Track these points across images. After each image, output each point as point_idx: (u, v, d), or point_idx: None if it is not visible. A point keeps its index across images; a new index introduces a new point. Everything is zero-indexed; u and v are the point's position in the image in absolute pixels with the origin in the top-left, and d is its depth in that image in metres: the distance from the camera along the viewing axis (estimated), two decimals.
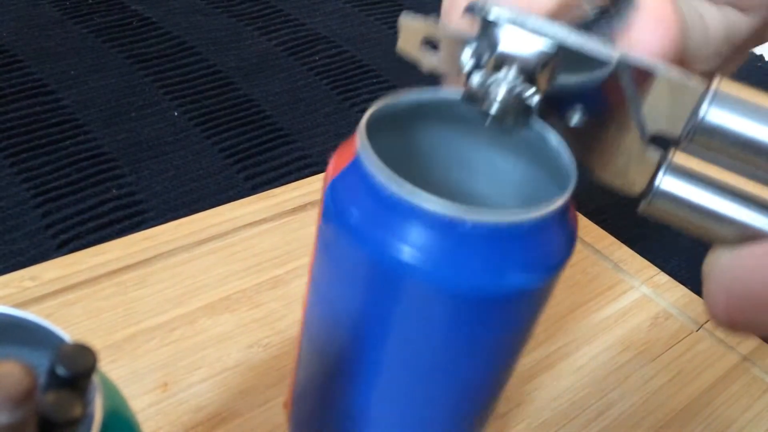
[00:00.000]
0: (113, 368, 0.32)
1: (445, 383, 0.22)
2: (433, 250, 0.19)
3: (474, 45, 0.21)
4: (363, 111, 0.58)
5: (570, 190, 0.20)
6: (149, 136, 0.48)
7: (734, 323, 0.18)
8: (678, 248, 0.46)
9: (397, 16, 0.76)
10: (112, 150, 0.46)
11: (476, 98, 0.21)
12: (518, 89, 0.21)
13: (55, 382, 0.14)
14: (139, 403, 0.31)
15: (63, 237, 0.40)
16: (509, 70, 0.21)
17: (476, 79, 0.21)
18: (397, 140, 0.23)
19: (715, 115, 0.19)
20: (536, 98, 0.21)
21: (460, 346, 0.21)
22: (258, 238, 0.39)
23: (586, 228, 0.44)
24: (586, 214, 0.46)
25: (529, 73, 0.20)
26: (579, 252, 0.42)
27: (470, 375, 0.22)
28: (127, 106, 0.51)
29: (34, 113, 0.48)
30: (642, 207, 0.20)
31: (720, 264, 0.19)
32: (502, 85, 0.20)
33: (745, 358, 0.38)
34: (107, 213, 0.42)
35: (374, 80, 0.57)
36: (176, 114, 0.51)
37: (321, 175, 0.44)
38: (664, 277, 0.41)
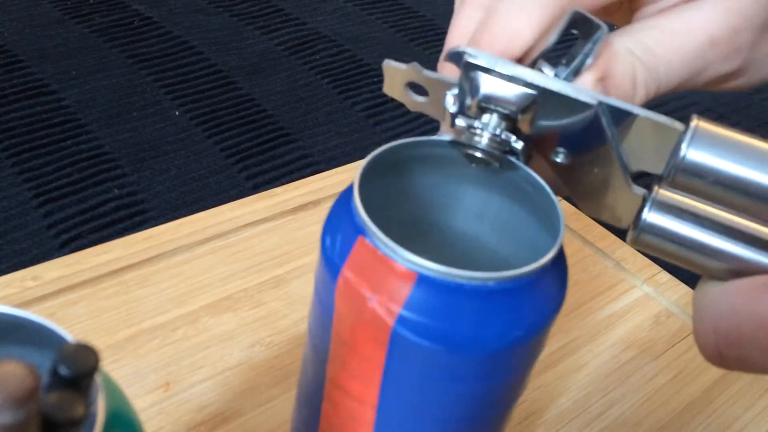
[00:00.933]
0: (115, 368, 0.32)
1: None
2: (426, 310, 0.19)
3: (456, 90, 0.21)
4: (364, 110, 0.58)
5: (559, 244, 0.20)
6: (150, 135, 0.48)
7: (725, 359, 0.18)
8: None
9: (397, 15, 0.76)
10: (113, 150, 0.46)
11: (462, 142, 0.21)
12: (501, 133, 0.21)
13: (57, 382, 0.14)
14: (142, 403, 0.31)
15: (65, 237, 0.40)
16: (492, 114, 0.21)
17: (460, 123, 0.21)
18: (391, 184, 0.23)
19: (694, 154, 0.19)
20: (520, 142, 0.21)
21: (458, 396, 0.21)
22: (259, 237, 0.39)
23: (588, 227, 0.44)
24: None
25: (511, 117, 0.21)
26: (581, 251, 0.42)
27: (467, 423, 0.22)
28: (129, 105, 0.51)
29: (36, 113, 0.48)
30: (630, 240, 0.20)
31: (707, 300, 0.19)
32: (486, 130, 0.21)
33: None
34: (109, 213, 0.42)
35: (375, 79, 0.57)
36: (177, 114, 0.51)
37: (322, 174, 0.44)
38: (665, 276, 0.41)
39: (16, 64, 0.53)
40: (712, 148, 0.19)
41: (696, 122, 0.19)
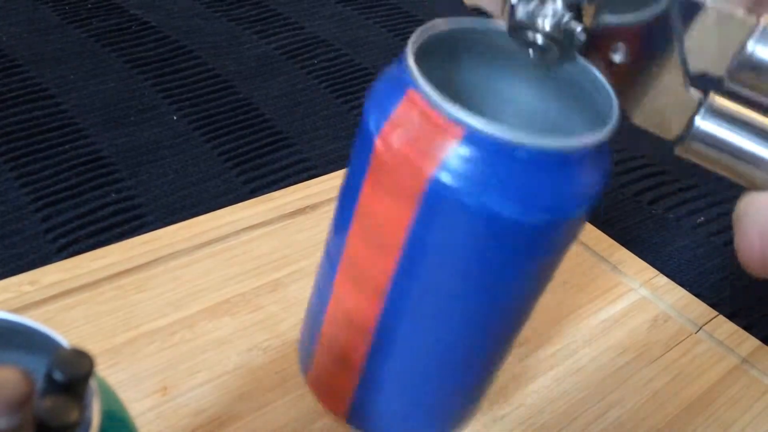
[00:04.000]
0: (113, 372, 0.32)
1: (479, 304, 0.22)
2: (476, 173, 0.19)
3: None
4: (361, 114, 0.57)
5: (613, 124, 0.19)
6: (148, 140, 0.48)
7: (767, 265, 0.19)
8: (677, 250, 0.46)
9: (396, 19, 0.76)
10: (111, 154, 0.46)
11: (521, 30, 0.21)
12: (564, 22, 0.20)
13: (52, 387, 0.14)
14: (139, 407, 0.31)
15: (62, 241, 0.40)
16: (556, 2, 0.20)
17: (522, 10, 0.21)
18: (437, 67, 0.22)
19: (763, 50, 0.18)
20: (582, 33, 0.21)
21: (494, 267, 0.21)
22: (257, 241, 0.39)
23: (585, 230, 0.44)
24: None
25: (576, 6, 0.20)
26: (578, 254, 0.42)
27: (499, 299, 0.22)
28: (126, 110, 0.51)
29: (34, 118, 0.48)
30: (678, 149, 0.20)
31: (755, 205, 0.19)
32: (548, 17, 0.20)
33: (744, 360, 0.38)
34: (106, 217, 0.42)
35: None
36: (175, 118, 0.51)
37: (320, 179, 0.44)
38: (663, 279, 0.41)
39: (14, 68, 0.53)
40: None
41: None
